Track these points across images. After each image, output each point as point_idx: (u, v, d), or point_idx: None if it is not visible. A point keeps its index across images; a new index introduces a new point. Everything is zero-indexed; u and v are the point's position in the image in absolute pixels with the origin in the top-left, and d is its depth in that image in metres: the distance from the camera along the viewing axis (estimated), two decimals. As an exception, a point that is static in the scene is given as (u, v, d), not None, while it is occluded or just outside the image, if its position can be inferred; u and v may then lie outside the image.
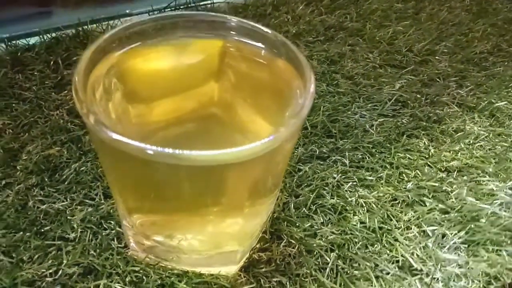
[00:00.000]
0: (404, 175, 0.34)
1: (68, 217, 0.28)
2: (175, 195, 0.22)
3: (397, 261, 0.28)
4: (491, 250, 0.29)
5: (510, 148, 0.37)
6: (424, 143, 0.37)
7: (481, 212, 0.31)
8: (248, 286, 0.26)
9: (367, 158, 0.35)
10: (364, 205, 0.31)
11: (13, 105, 0.35)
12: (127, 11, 0.47)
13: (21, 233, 0.27)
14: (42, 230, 0.27)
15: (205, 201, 0.22)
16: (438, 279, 0.27)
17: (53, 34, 0.43)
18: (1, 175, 0.30)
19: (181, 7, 0.50)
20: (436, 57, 0.48)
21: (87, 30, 0.44)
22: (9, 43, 0.41)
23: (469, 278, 0.28)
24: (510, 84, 0.44)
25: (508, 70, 0.47)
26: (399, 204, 0.32)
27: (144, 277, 0.25)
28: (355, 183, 0.33)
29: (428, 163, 0.35)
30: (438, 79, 0.45)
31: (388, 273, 0.27)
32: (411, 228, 0.30)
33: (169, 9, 0.49)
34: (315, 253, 0.28)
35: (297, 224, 0.30)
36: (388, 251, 0.29)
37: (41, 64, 0.39)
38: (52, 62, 0.40)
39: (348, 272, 0.27)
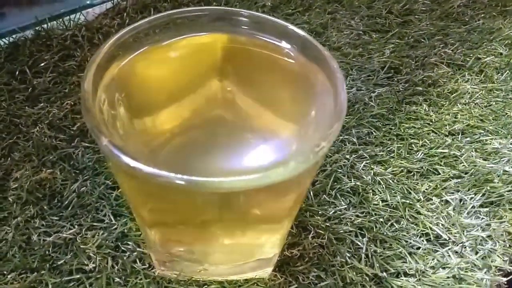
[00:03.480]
0: (413, 145, 0.34)
1: (81, 246, 0.26)
2: (203, 219, 0.20)
3: (426, 234, 0.28)
4: (509, 209, 0.30)
5: (505, 103, 0.38)
6: (425, 109, 0.37)
7: (493, 173, 0.32)
8: (288, 286, 0.25)
9: (373, 132, 0.34)
10: (381, 182, 0.31)
11: (-15, 127, 0.32)
12: (88, 2, 0.42)
13: (35, 273, 0.24)
14: (56, 265, 0.25)
15: (241, 224, 0.20)
16: (466, 246, 0.28)
17: (10, 39, 0.38)
18: (-8, 210, 0.27)
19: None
20: (416, 16, 0.47)
21: (48, 29, 0.39)
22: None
23: (494, 240, 0.28)
24: (492, 37, 0.45)
25: (487, 23, 0.47)
26: (414, 176, 0.32)
27: (180, 297, 0.24)
28: (368, 161, 0.32)
29: (433, 129, 0.35)
30: (423, 40, 0.44)
31: (419, 248, 0.28)
32: (431, 199, 0.30)
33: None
34: (346, 240, 0.27)
35: (320, 213, 0.29)
36: (414, 226, 0.29)
37: (5, 75, 0.35)
38: (17, 72, 0.35)
39: (382, 254, 0.27)
